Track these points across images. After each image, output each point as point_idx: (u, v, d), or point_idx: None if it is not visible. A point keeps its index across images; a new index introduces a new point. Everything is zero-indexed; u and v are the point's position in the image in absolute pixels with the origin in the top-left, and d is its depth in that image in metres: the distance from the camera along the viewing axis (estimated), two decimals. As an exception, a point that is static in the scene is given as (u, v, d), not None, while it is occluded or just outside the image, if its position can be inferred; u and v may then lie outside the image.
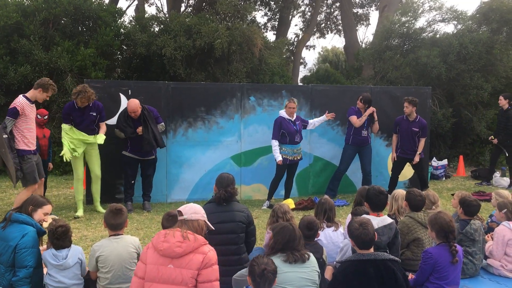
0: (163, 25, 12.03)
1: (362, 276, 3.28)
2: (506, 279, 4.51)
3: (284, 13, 18.80)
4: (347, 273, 3.33)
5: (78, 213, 6.76)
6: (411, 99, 7.86)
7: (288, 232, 3.37)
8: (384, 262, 3.34)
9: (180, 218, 3.16)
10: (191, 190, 7.85)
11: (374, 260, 3.33)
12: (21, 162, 5.90)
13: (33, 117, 6.13)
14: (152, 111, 7.13)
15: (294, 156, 7.43)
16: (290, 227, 3.41)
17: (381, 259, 3.34)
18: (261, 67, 12.48)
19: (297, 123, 7.43)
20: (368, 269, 3.29)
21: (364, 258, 3.34)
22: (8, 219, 3.86)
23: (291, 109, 7.30)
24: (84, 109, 6.70)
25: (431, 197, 5.03)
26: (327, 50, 33.18)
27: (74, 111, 6.67)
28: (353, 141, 7.92)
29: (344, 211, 7.23)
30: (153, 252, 3.03)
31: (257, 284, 3.01)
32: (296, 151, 7.48)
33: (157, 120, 7.16)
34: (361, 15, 23.59)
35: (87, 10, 10.69)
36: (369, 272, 3.27)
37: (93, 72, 10.16)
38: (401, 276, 3.35)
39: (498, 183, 9.65)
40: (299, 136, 7.44)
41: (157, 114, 7.18)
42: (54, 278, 3.75)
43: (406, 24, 12.41)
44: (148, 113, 7.01)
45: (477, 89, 11.35)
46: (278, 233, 3.40)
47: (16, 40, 9.90)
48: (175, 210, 3.44)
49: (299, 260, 3.30)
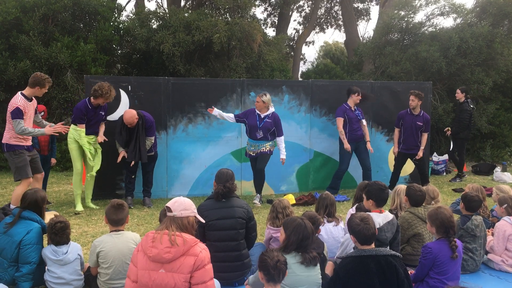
0: (162, 20, 11.99)
1: (364, 272, 3.27)
2: (507, 274, 4.51)
3: (284, 9, 18.74)
4: (348, 269, 3.32)
5: (78, 208, 6.75)
6: (417, 93, 7.87)
7: (301, 230, 3.33)
8: (386, 257, 3.33)
9: (169, 214, 3.03)
10: (191, 185, 7.85)
11: (376, 255, 3.32)
12: (13, 156, 5.91)
13: (32, 114, 6.11)
14: (148, 121, 6.91)
15: (254, 152, 7.19)
16: (303, 225, 3.36)
17: (382, 255, 3.33)
18: (260, 63, 12.46)
19: (265, 120, 7.08)
20: (369, 265, 3.28)
21: (365, 254, 3.33)
22: (17, 216, 3.87)
23: (256, 104, 7.13)
24: (96, 108, 6.73)
25: (431, 192, 5.04)
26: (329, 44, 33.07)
27: (88, 111, 6.68)
28: (350, 138, 7.89)
29: (344, 206, 7.23)
30: (143, 256, 2.97)
31: (271, 276, 2.97)
32: (255, 147, 7.17)
33: (149, 132, 6.94)
34: (362, 10, 23.47)
35: (86, 5, 10.67)
36: (371, 268, 3.27)
37: (93, 68, 10.14)
38: (402, 271, 3.34)
39: (499, 178, 9.64)
40: (261, 133, 7.07)
41: (151, 125, 6.95)
42: (54, 274, 3.76)
43: (405, 18, 12.38)
44: (142, 123, 6.84)
45: (478, 84, 11.33)
46: (293, 232, 3.35)
47: (15, 35, 9.87)
48: None
49: (313, 262, 3.30)
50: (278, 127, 7.17)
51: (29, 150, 6.11)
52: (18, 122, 5.78)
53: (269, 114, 7.11)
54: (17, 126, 5.77)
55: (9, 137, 5.91)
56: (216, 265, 3.27)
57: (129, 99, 7.45)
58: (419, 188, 4.59)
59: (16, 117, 5.78)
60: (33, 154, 6.20)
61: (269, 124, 7.09)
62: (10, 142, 5.91)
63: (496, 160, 11.67)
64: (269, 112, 7.12)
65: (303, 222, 3.39)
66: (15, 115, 5.78)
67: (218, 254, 3.87)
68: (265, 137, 7.10)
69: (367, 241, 3.38)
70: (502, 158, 11.86)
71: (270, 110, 7.15)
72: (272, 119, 7.12)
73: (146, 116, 6.92)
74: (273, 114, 7.15)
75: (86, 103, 6.70)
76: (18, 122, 5.78)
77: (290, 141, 8.19)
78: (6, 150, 5.95)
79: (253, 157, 7.25)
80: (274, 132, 7.19)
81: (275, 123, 7.14)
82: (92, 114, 6.69)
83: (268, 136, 7.12)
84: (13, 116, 5.79)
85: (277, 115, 7.21)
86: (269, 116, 7.11)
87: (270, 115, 7.12)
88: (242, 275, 4.06)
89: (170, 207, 3.04)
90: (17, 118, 5.78)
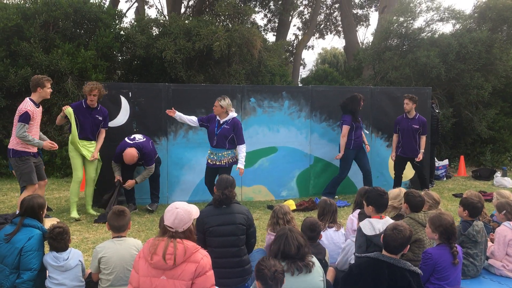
0: (163, 27, 12.05)
1: (375, 275, 3.29)
2: (508, 279, 4.51)
3: (284, 15, 18.83)
4: (362, 268, 3.36)
5: (72, 215, 6.74)
6: (411, 96, 8.00)
7: (282, 241, 3.23)
8: (402, 270, 3.30)
9: (171, 230, 3.01)
10: (192, 191, 7.85)
11: (393, 264, 3.30)
12: (19, 162, 5.92)
13: (39, 120, 6.16)
14: (147, 156, 6.81)
15: (212, 160, 6.63)
16: (285, 235, 3.25)
17: (399, 267, 3.31)
18: (260, 69, 12.50)
19: (223, 126, 6.48)
20: (383, 270, 3.29)
21: (382, 259, 3.34)
22: (19, 224, 3.86)
23: (214, 108, 6.55)
24: (92, 110, 6.73)
25: (436, 197, 5.00)
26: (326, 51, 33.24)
27: (81, 109, 6.68)
28: (354, 145, 7.92)
29: (345, 212, 7.23)
30: (144, 263, 2.97)
31: (269, 286, 2.95)
32: (214, 155, 6.59)
33: (148, 163, 6.87)
34: (361, 16, 23.61)
35: (87, 12, 10.70)
36: (383, 273, 3.27)
37: (94, 74, 10.17)
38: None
39: (500, 183, 9.64)
40: (216, 141, 6.49)
41: (151, 158, 6.87)
42: (55, 280, 3.75)
43: (404, 24, 12.43)
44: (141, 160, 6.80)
45: (477, 89, 11.35)
46: (275, 241, 3.30)
47: (16, 42, 9.91)
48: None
49: (302, 270, 3.18)
50: (237, 134, 6.51)
51: (35, 157, 6.14)
52: (22, 126, 5.80)
53: (228, 120, 6.50)
54: (20, 129, 5.79)
55: (15, 143, 5.93)
56: (216, 271, 3.27)
57: (130, 105, 7.48)
58: (418, 193, 4.59)
59: (22, 120, 5.81)
60: (38, 161, 6.22)
61: (226, 131, 6.45)
62: (16, 148, 5.93)
63: (496, 165, 11.66)
64: (228, 118, 6.51)
65: (289, 233, 3.26)
66: (22, 118, 5.81)
67: (219, 260, 3.86)
68: (222, 145, 6.50)
69: (393, 251, 3.37)
70: (502, 163, 11.86)
71: (230, 115, 6.54)
72: (231, 125, 6.48)
73: (146, 154, 6.79)
74: (232, 120, 6.51)
75: (82, 102, 6.76)
76: (23, 126, 5.80)
77: (290, 146, 8.23)
78: (12, 155, 5.96)
79: (210, 166, 6.64)
80: (233, 140, 6.55)
81: (234, 129, 6.48)
82: (84, 114, 6.68)
83: (225, 144, 6.49)
84: (20, 119, 5.81)
85: (237, 121, 6.58)
86: (228, 122, 6.49)
87: (229, 121, 6.49)
88: (243, 281, 4.06)
89: (170, 225, 3.01)
90: (23, 121, 5.81)
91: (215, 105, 6.52)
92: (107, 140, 6.96)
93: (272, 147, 8.19)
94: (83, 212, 6.97)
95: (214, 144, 6.54)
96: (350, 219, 4.91)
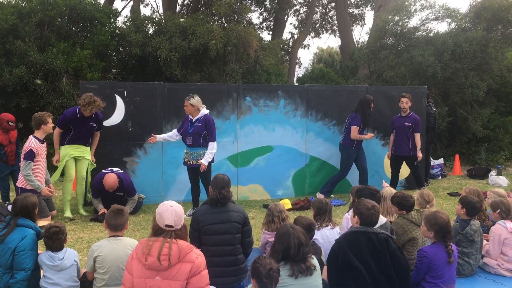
0: (158, 26, 12.00)
1: (354, 245, 3.49)
2: (503, 278, 4.53)
3: (280, 14, 18.83)
4: (341, 243, 3.54)
5: (66, 214, 6.75)
6: (409, 95, 8.20)
7: (285, 239, 3.21)
8: (375, 234, 3.53)
9: (171, 229, 3.03)
10: (187, 191, 7.82)
11: (366, 232, 3.53)
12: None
13: (44, 156, 6.29)
14: (129, 185, 6.77)
15: (188, 160, 6.64)
16: (289, 233, 3.23)
17: (373, 232, 3.54)
18: (256, 68, 12.48)
19: (195, 124, 6.48)
20: (359, 238, 3.50)
21: (356, 230, 3.57)
22: (13, 224, 3.85)
23: (185, 108, 6.53)
24: (86, 118, 6.72)
25: (426, 196, 5.03)
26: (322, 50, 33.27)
27: (75, 120, 6.67)
28: (357, 145, 7.95)
29: (340, 211, 7.23)
30: (138, 264, 2.95)
31: (264, 285, 2.95)
32: (190, 155, 6.59)
33: (130, 193, 6.83)
34: (357, 15, 23.65)
35: (82, 11, 10.65)
36: (360, 241, 3.49)
37: (89, 73, 10.12)
38: (393, 244, 3.52)
39: (494, 181, 9.68)
40: (190, 139, 6.49)
41: (131, 187, 6.82)
42: (50, 280, 3.74)
43: (400, 23, 12.45)
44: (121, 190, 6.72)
45: (472, 88, 11.39)
46: (278, 240, 3.27)
47: (11, 41, 9.85)
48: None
49: (305, 273, 3.17)
50: (209, 131, 6.47)
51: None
52: (27, 164, 6.00)
53: (200, 117, 6.48)
54: (26, 167, 6.00)
55: (25, 183, 6.10)
56: (212, 270, 3.27)
57: (125, 104, 7.46)
58: (408, 195, 4.59)
59: (27, 158, 5.99)
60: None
61: (199, 129, 6.45)
62: (24, 187, 6.07)
63: (491, 164, 11.71)
64: (200, 115, 6.49)
65: (293, 231, 3.25)
66: (27, 156, 5.99)
67: (214, 259, 3.86)
68: (196, 144, 6.49)
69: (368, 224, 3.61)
70: (497, 162, 11.91)
71: (201, 112, 6.51)
72: (203, 122, 6.46)
73: (126, 183, 6.72)
74: (204, 117, 6.48)
75: (76, 112, 6.70)
76: (28, 163, 6.00)
77: (286, 145, 8.24)
78: (21, 193, 5.96)
79: (189, 166, 6.65)
80: (206, 137, 6.53)
81: (206, 126, 6.46)
82: (79, 123, 6.69)
83: (200, 141, 6.48)
84: (25, 157, 5.99)
85: (209, 117, 6.54)
86: (200, 120, 6.47)
87: (201, 118, 6.47)
88: (238, 280, 4.05)
89: (172, 224, 3.03)
90: (28, 159, 5.99)
91: (185, 104, 6.50)
92: (102, 139, 6.96)
93: (268, 146, 8.19)
94: (76, 212, 6.95)
95: (189, 143, 6.55)
96: (345, 218, 4.91)
